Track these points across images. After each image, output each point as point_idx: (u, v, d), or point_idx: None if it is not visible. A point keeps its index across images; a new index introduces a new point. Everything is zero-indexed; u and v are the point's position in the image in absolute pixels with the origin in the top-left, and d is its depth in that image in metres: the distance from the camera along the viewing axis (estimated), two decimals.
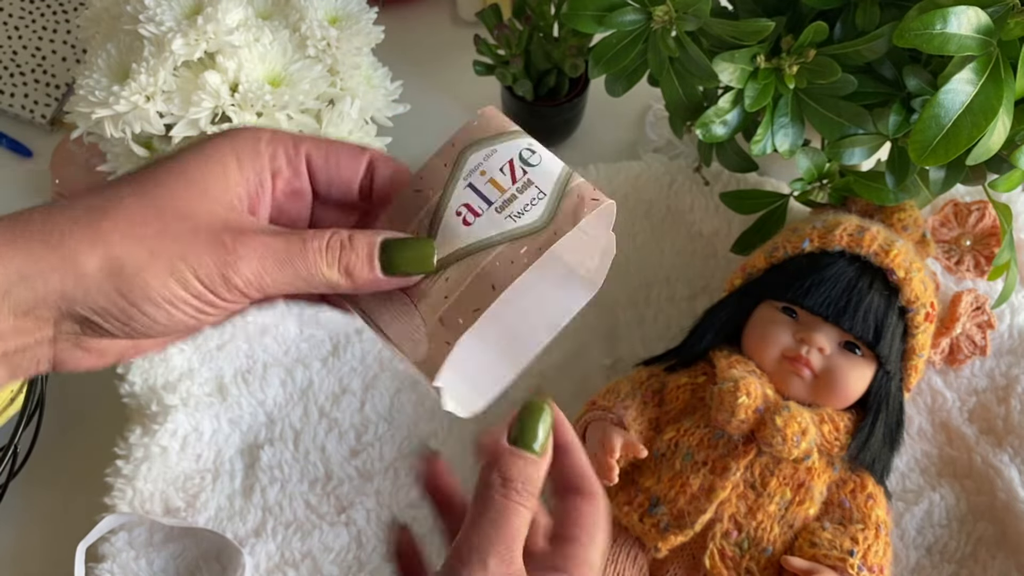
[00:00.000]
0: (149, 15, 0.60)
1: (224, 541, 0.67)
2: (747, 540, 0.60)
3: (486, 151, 0.39)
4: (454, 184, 0.39)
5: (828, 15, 0.59)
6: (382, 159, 0.39)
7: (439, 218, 0.38)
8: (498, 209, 0.38)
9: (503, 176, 0.39)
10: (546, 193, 0.38)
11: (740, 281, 0.67)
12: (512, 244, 0.37)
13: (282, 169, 0.36)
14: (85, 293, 0.32)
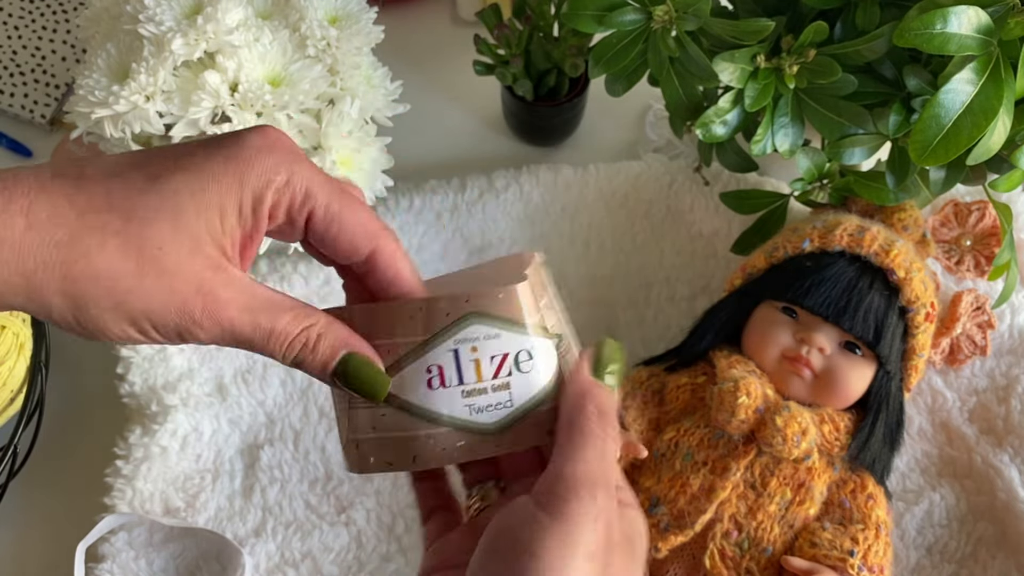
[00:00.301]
0: (149, 15, 0.60)
1: (224, 541, 0.67)
2: (747, 540, 0.60)
3: (489, 330, 0.36)
4: (442, 340, 0.36)
5: (828, 15, 0.59)
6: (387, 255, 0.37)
7: (410, 359, 0.36)
8: (464, 393, 0.36)
9: (488, 366, 0.36)
10: (513, 405, 0.36)
11: (740, 281, 0.67)
12: (455, 432, 0.36)
13: (279, 217, 0.35)
14: (48, 315, 0.32)
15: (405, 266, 0.38)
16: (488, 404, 0.36)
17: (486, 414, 0.36)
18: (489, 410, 0.36)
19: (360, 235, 0.36)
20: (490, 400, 0.36)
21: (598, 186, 0.77)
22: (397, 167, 0.69)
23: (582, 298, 0.76)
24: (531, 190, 0.77)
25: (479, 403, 0.36)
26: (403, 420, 0.36)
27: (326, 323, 0.36)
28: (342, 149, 0.64)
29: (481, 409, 0.36)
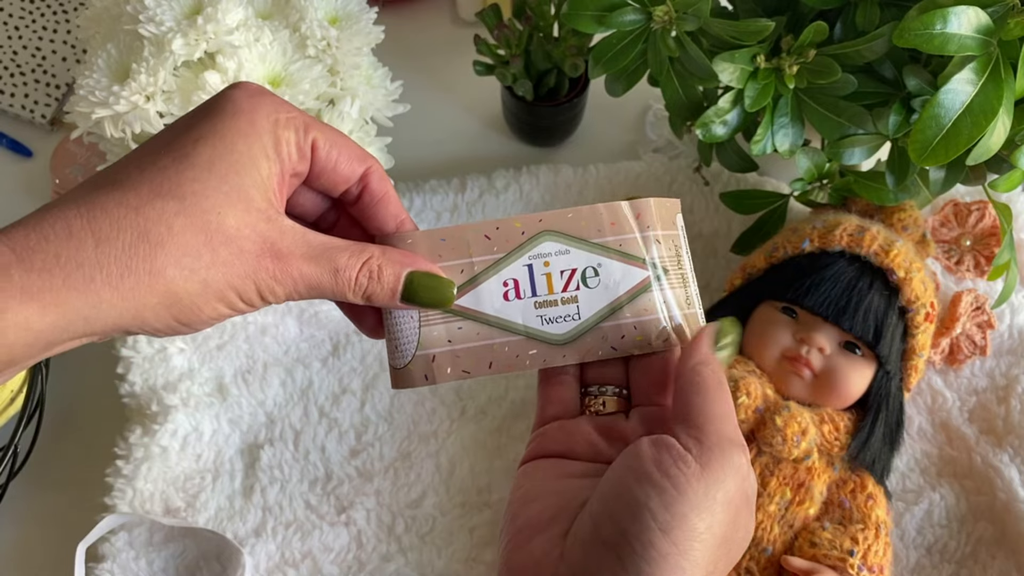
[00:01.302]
0: (149, 15, 0.60)
1: (224, 541, 0.67)
2: None
3: (561, 247, 0.40)
4: (518, 255, 0.40)
5: (828, 15, 0.59)
6: (378, 176, 0.40)
7: (488, 275, 0.40)
8: (537, 304, 0.40)
9: (559, 279, 0.40)
10: (581, 318, 0.40)
11: (740, 281, 0.67)
12: (529, 341, 0.40)
13: (293, 155, 0.37)
14: (142, 323, 0.34)
15: (392, 189, 0.41)
16: (558, 315, 0.40)
17: (556, 325, 0.40)
18: (559, 321, 0.40)
19: (356, 155, 0.39)
20: (560, 312, 0.40)
21: (598, 186, 0.77)
22: (397, 167, 0.69)
23: None
24: (531, 190, 0.77)
25: (550, 314, 0.40)
26: (480, 330, 0.40)
27: (381, 252, 0.38)
28: None
29: (552, 320, 0.40)
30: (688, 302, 0.41)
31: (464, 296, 0.40)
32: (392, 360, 0.41)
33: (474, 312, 0.40)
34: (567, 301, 0.40)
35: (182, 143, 0.35)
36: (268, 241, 0.36)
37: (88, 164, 0.81)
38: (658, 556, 0.34)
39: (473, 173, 0.78)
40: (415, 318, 0.40)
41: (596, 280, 0.40)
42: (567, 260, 0.40)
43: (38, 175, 0.84)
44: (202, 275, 0.34)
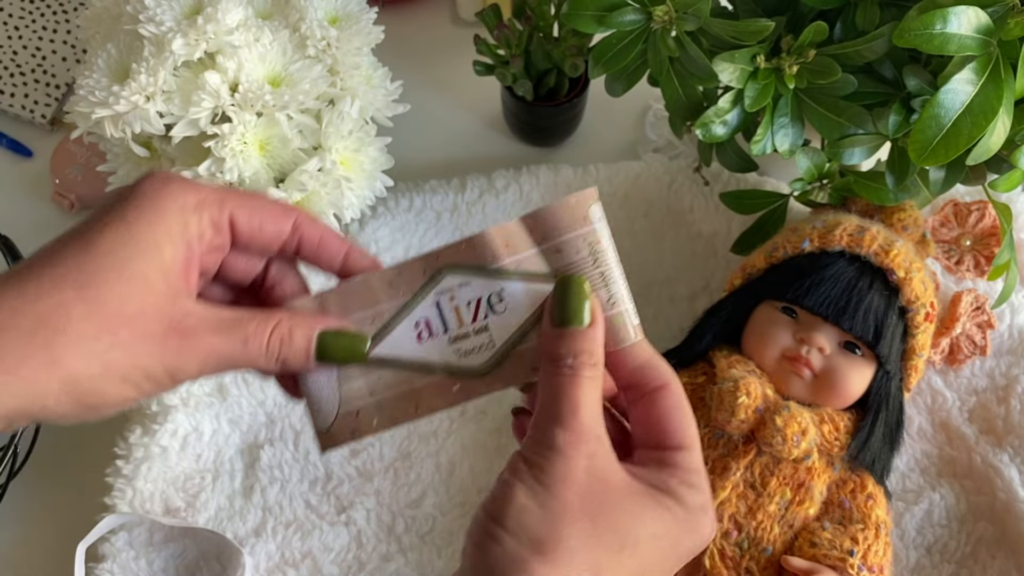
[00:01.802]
0: (149, 15, 0.60)
1: (224, 541, 0.67)
2: (747, 540, 0.60)
3: (462, 279, 0.40)
4: (424, 295, 0.40)
5: (828, 15, 0.59)
6: (308, 222, 0.41)
7: (398, 320, 0.40)
8: (451, 339, 0.40)
9: (467, 311, 0.40)
10: (495, 346, 0.40)
11: (740, 281, 0.67)
12: (450, 378, 0.40)
13: (207, 232, 0.38)
14: (44, 409, 0.34)
15: (326, 228, 0.41)
16: (473, 347, 0.40)
17: (473, 356, 0.40)
18: (475, 352, 0.40)
19: (278, 212, 0.40)
20: (474, 343, 0.40)
21: (598, 186, 0.77)
22: (397, 167, 0.69)
23: None
24: (531, 190, 0.77)
25: (465, 347, 0.40)
26: (401, 376, 0.40)
27: (289, 316, 0.39)
28: (342, 149, 0.64)
29: (468, 352, 0.40)
30: (611, 302, 0.39)
31: (379, 345, 0.40)
32: (316, 423, 0.41)
33: (392, 359, 0.40)
34: (479, 331, 0.40)
35: (90, 231, 0.36)
36: (172, 320, 0.36)
37: (88, 164, 0.81)
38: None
39: (473, 173, 0.78)
40: (334, 377, 0.40)
41: (502, 305, 0.40)
42: (470, 291, 0.40)
43: (38, 175, 0.84)
44: (103, 358, 0.34)
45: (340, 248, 0.41)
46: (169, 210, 0.37)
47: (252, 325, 0.38)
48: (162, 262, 0.36)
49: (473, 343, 0.40)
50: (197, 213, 0.37)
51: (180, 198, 0.37)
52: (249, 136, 0.61)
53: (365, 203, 0.68)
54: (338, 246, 0.41)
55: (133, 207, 0.36)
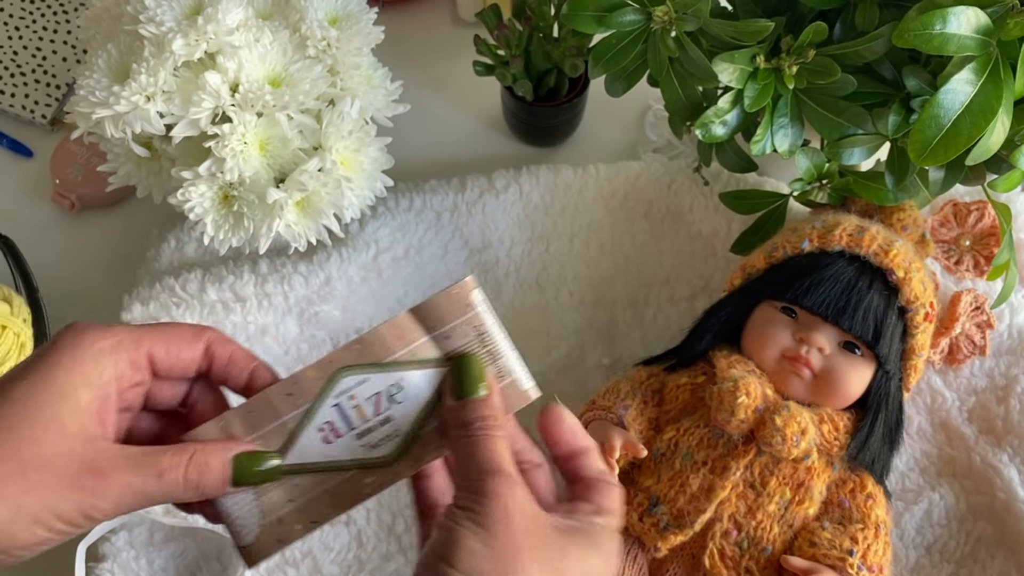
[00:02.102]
0: (149, 15, 0.61)
1: (224, 540, 0.67)
2: (747, 539, 0.60)
3: (359, 377, 0.42)
4: (323, 400, 0.42)
5: (828, 15, 0.59)
6: (220, 342, 0.42)
7: (302, 428, 0.41)
8: (357, 436, 0.42)
9: (368, 405, 0.42)
10: (400, 433, 0.42)
11: (740, 281, 0.67)
12: (362, 471, 0.41)
13: (125, 373, 0.39)
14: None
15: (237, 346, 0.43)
16: (380, 438, 0.42)
17: (381, 447, 0.42)
18: (383, 443, 0.42)
19: (191, 337, 0.41)
20: (380, 434, 0.42)
21: (598, 186, 0.77)
22: (397, 167, 0.69)
23: (582, 298, 0.76)
24: (531, 190, 0.77)
25: (372, 440, 0.42)
26: (315, 479, 0.41)
27: (202, 445, 0.40)
28: (342, 149, 0.64)
29: (375, 444, 0.42)
30: (500, 375, 0.43)
31: (288, 455, 0.41)
32: (238, 540, 0.42)
33: (303, 465, 0.41)
34: (384, 423, 0.42)
35: (10, 381, 0.37)
36: (86, 461, 0.37)
37: (88, 164, 0.81)
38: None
39: (473, 173, 0.78)
40: (250, 492, 0.41)
41: (403, 395, 0.42)
42: (369, 387, 0.42)
43: (39, 175, 0.84)
44: (14, 501, 0.35)
45: (247, 365, 0.43)
46: (85, 356, 0.38)
47: (166, 459, 0.38)
48: (78, 406, 0.37)
49: (379, 435, 0.42)
50: (113, 356, 0.39)
51: (96, 343, 0.38)
52: (249, 136, 0.61)
53: (365, 203, 0.68)
54: (244, 363, 0.42)
55: (52, 356, 0.38)
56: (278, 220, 0.63)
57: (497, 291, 0.76)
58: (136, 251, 0.78)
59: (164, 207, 0.69)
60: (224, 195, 0.63)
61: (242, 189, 0.63)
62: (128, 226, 0.81)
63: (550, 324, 0.75)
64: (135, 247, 0.78)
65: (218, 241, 0.64)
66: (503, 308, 0.76)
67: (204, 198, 0.63)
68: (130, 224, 0.81)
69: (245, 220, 0.63)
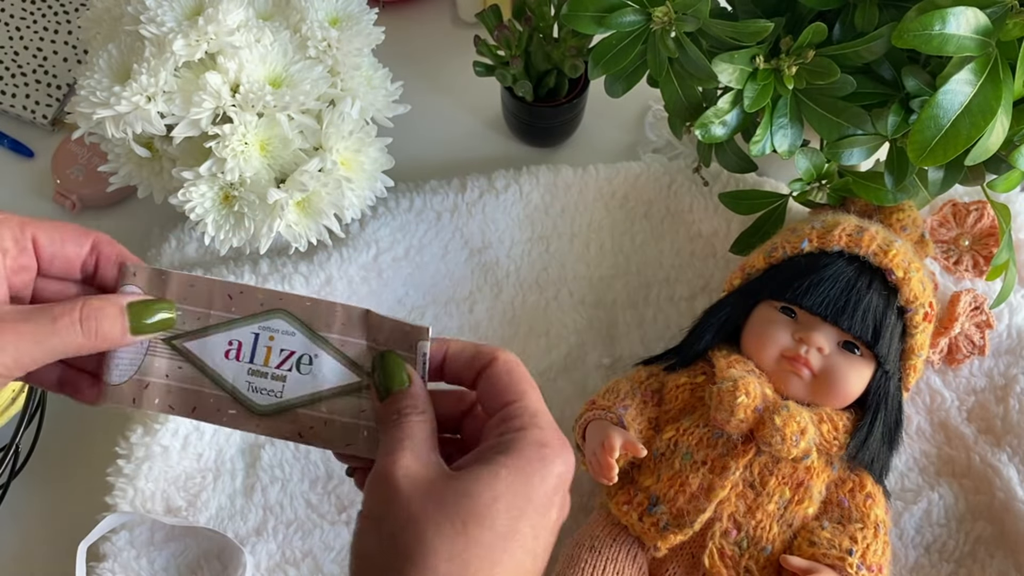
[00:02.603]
0: (150, 16, 0.61)
1: (225, 540, 0.67)
2: (746, 539, 0.60)
3: (289, 328, 0.43)
4: (250, 323, 0.43)
5: (827, 16, 0.59)
6: (107, 242, 0.43)
7: (219, 330, 0.43)
8: (250, 372, 0.43)
9: (276, 356, 0.43)
10: (282, 397, 0.42)
11: (739, 281, 0.68)
12: (232, 401, 0.43)
13: (9, 249, 0.40)
14: None
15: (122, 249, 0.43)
16: (264, 388, 0.42)
17: (259, 395, 0.42)
18: (263, 393, 0.42)
19: (77, 233, 0.42)
20: (266, 385, 0.42)
21: (598, 186, 0.77)
22: (397, 167, 0.70)
23: (582, 298, 0.76)
24: (531, 190, 0.77)
25: (257, 384, 0.42)
26: (196, 376, 0.43)
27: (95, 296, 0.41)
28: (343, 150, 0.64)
29: (257, 390, 0.42)
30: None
31: (192, 341, 0.43)
32: (107, 376, 0.43)
33: (196, 358, 0.43)
34: (276, 378, 0.42)
35: None
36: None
37: (89, 164, 0.81)
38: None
39: (473, 173, 0.78)
40: (144, 347, 0.43)
41: (308, 368, 0.42)
42: (290, 342, 0.42)
43: (39, 175, 0.84)
44: None
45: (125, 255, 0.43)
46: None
47: (58, 307, 0.39)
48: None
49: (265, 384, 0.42)
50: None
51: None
52: (250, 137, 0.61)
53: (365, 203, 0.68)
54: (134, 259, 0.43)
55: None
56: (279, 220, 0.63)
57: (497, 291, 0.76)
58: (137, 251, 0.77)
59: (165, 207, 0.69)
60: (225, 195, 0.64)
61: (243, 189, 0.63)
62: (129, 226, 0.81)
63: (550, 324, 0.75)
64: (136, 247, 0.78)
65: (219, 241, 0.65)
66: (503, 308, 0.76)
67: (205, 198, 0.63)
68: (131, 224, 0.81)
69: (246, 220, 0.64)
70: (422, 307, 0.76)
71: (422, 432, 0.40)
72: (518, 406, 0.40)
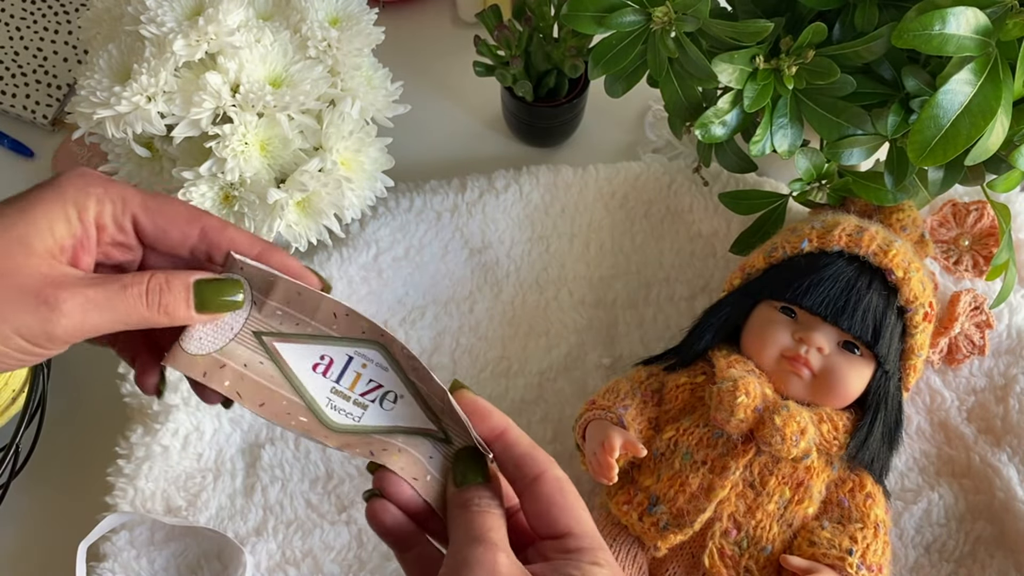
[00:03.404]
0: (150, 16, 0.61)
1: (225, 540, 0.67)
2: (746, 539, 0.60)
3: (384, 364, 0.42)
4: (348, 345, 0.42)
5: (827, 16, 0.59)
6: (216, 229, 0.41)
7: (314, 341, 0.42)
8: (333, 390, 0.42)
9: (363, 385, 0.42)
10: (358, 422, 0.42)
11: (739, 281, 0.68)
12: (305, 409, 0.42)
13: (107, 226, 0.40)
14: None
15: (236, 231, 0.42)
16: (343, 408, 0.42)
17: (336, 414, 0.42)
18: (340, 412, 0.42)
19: (184, 219, 0.41)
20: (346, 407, 0.42)
21: (598, 186, 0.77)
22: (397, 167, 0.70)
23: (582, 298, 0.76)
24: (531, 190, 0.77)
25: (338, 403, 0.42)
26: (275, 376, 0.42)
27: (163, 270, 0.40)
28: (343, 150, 0.64)
29: (336, 408, 0.42)
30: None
31: (283, 344, 0.42)
32: (185, 343, 0.42)
33: (283, 360, 0.42)
34: (358, 404, 0.42)
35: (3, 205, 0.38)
36: (48, 278, 0.37)
37: (89, 164, 0.81)
38: None
39: (473, 173, 0.78)
40: (234, 329, 0.42)
41: (392, 406, 0.42)
42: (381, 375, 0.42)
43: (39, 176, 0.84)
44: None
45: (251, 249, 0.42)
46: (68, 195, 0.38)
47: (128, 277, 0.39)
48: (50, 237, 0.38)
49: (345, 407, 0.42)
50: (99, 205, 0.39)
51: (85, 188, 0.39)
52: (250, 137, 0.61)
53: (365, 203, 0.68)
54: (248, 247, 0.42)
55: (40, 189, 0.38)
56: (279, 220, 0.63)
57: (497, 291, 0.76)
58: None
59: None
60: (225, 195, 0.64)
61: (243, 189, 0.63)
62: None
63: (550, 324, 0.75)
64: None
65: None
66: (503, 308, 0.76)
67: (205, 198, 0.63)
68: None
69: (246, 220, 0.64)
70: (422, 307, 0.76)
71: (504, 528, 0.39)
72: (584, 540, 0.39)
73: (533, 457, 0.41)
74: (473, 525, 0.39)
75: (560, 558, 0.39)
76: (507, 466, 0.41)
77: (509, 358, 0.74)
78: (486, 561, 0.37)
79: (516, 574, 0.37)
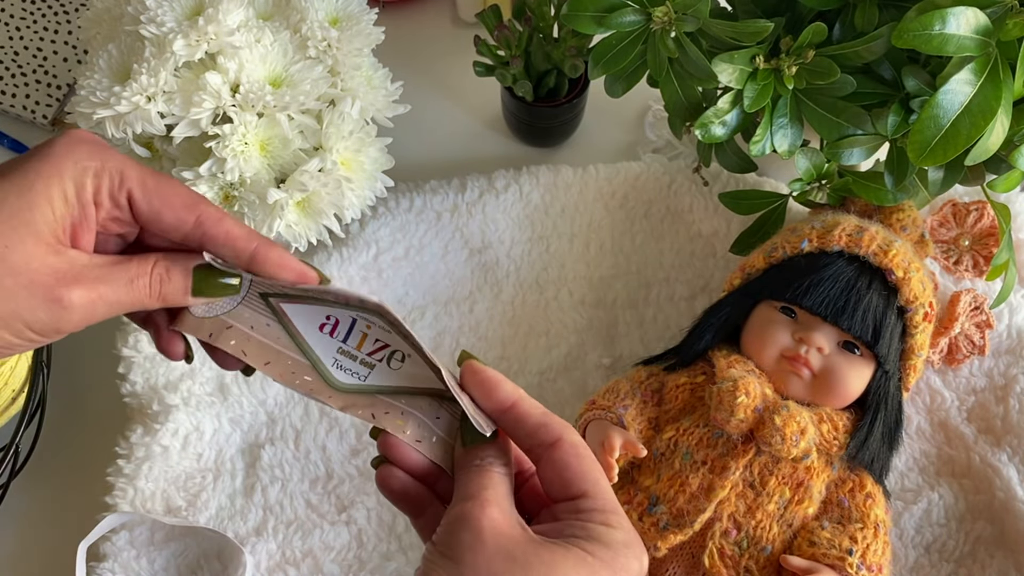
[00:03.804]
0: (150, 16, 0.61)
1: (225, 540, 0.67)
2: (746, 539, 0.60)
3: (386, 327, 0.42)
4: (352, 310, 0.42)
5: (827, 16, 0.59)
6: (213, 222, 0.40)
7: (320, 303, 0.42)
8: (339, 350, 0.42)
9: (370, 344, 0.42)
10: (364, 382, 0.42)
11: (739, 281, 0.68)
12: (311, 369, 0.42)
13: (104, 203, 0.39)
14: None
15: (233, 224, 0.41)
16: (349, 368, 0.42)
17: (342, 374, 0.42)
18: (346, 372, 0.42)
19: (181, 204, 0.40)
20: (352, 367, 0.42)
21: (598, 186, 0.77)
22: (397, 167, 0.70)
23: (582, 298, 0.76)
24: (531, 190, 0.77)
25: (344, 363, 0.42)
26: (281, 336, 0.42)
27: (164, 255, 0.40)
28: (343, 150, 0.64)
29: (342, 368, 0.42)
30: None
31: (289, 304, 0.42)
32: (194, 309, 0.42)
33: (289, 321, 0.42)
34: (364, 364, 0.42)
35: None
36: (58, 272, 0.37)
37: None
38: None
39: (473, 173, 0.78)
40: (241, 293, 0.42)
41: (399, 365, 0.42)
42: (385, 336, 0.42)
43: None
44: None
45: (248, 245, 0.41)
46: (66, 169, 0.38)
47: (133, 267, 0.39)
48: (51, 217, 0.37)
49: (351, 366, 0.42)
50: (96, 180, 0.38)
51: (82, 162, 0.38)
52: (250, 137, 0.61)
53: (365, 203, 0.68)
54: (245, 242, 0.41)
55: (37, 161, 0.38)
56: (279, 220, 0.63)
57: (497, 291, 0.76)
58: None
59: None
60: (225, 195, 0.64)
61: (243, 189, 0.63)
62: None
63: (550, 324, 0.75)
64: None
65: None
66: (503, 308, 0.76)
67: None
68: None
69: (246, 220, 0.64)
70: (422, 307, 0.76)
71: (504, 486, 0.39)
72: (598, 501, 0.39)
73: (547, 425, 0.40)
74: (470, 483, 0.39)
75: (571, 518, 0.39)
76: (520, 438, 0.40)
77: (509, 358, 0.74)
78: (472, 517, 0.37)
79: (504, 530, 0.37)
